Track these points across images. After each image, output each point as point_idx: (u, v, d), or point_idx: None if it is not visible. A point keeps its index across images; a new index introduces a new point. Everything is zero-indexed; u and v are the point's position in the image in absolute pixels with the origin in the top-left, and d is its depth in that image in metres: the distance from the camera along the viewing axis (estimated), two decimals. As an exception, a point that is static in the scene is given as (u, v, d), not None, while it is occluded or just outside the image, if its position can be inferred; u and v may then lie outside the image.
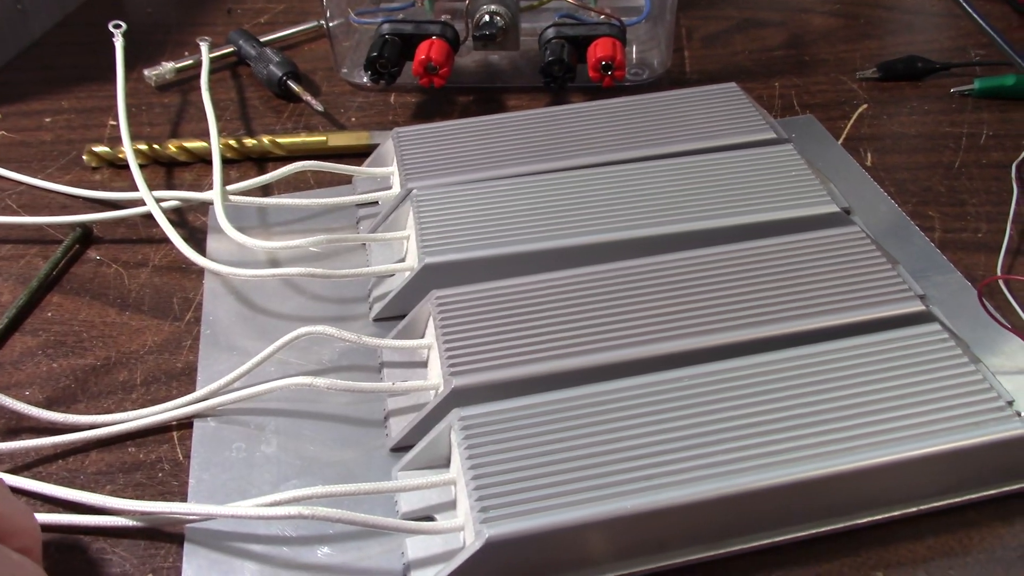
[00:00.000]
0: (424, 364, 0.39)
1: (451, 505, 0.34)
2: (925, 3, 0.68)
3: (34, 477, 0.37)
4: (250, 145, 0.53)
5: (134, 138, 0.52)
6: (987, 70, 0.59)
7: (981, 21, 0.50)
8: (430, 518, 0.34)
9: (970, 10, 0.50)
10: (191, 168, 0.53)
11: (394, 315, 0.42)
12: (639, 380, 0.35)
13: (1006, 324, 0.39)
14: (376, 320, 0.42)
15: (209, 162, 0.52)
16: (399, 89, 0.59)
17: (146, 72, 0.61)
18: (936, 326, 0.37)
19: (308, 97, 0.57)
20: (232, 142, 0.53)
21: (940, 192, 0.49)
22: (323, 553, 0.33)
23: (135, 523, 0.34)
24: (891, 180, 0.50)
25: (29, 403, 0.38)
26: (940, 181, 0.50)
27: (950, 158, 0.52)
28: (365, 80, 0.58)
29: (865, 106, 0.57)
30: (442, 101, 0.59)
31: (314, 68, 0.62)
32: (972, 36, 0.63)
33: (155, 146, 0.53)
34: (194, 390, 0.39)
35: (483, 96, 0.59)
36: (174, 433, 0.38)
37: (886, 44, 0.63)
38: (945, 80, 0.58)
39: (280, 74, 0.58)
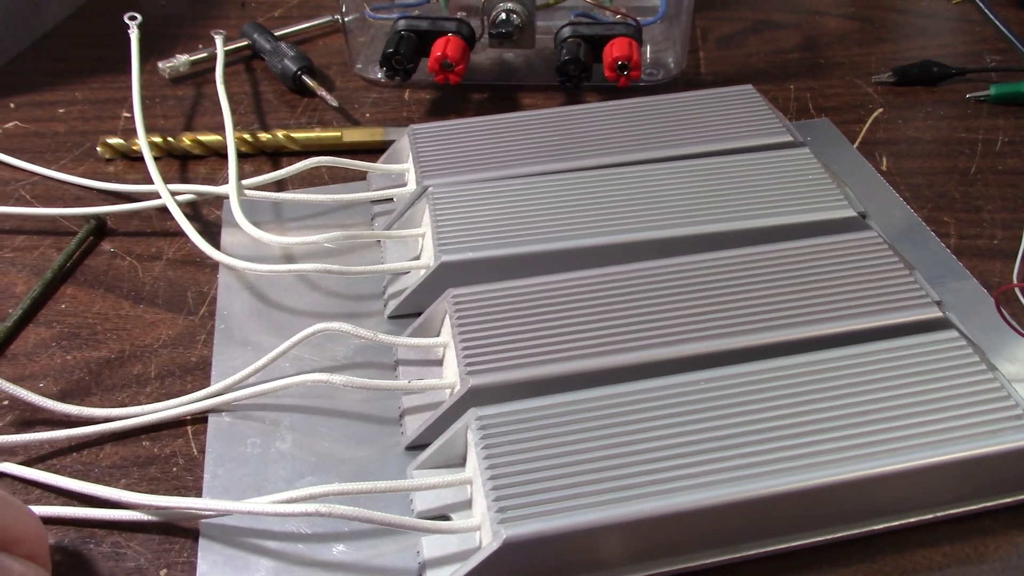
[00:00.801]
0: (439, 362, 0.39)
1: (467, 505, 0.34)
2: (940, 7, 0.68)
3: (48, 470, 0.37)
4: (264, 139, 0.53)
5: (148, 130, 0.52)
6: (1003, 76, 0.59)
7: (1001, 26, 0.50)
8: (446, 517, 0.34)
9: (990, 15, 0.50)
10: (205, 162, 0.53)
11: (409, 312, 0.42)
12: (656, 382, 0.35)
13: (1022, 331, 0.39)
14: (391, 317, 0.42)
15: (223, 156, 0.52)
16: (414, 85, 0.59)
17: (160, 64, 0.61)
18: (953, 333, 0.37)
19: (323, 92, 0.57)
20: (246, 136, 0.53)
21: (955, 198, 0.49)
22: (338, 551, 0.33)
23: (150, 517, 0.34)
24: (906, 185, 0.50)
25: (43, 395, 0.38)
26: (956, 187, 0.50)
27: (966, 164, 0.52)
28: (380, 76, 0.58)
29: (880, 110, 0.56)
30: (457, 98, 0.58)
31: (328, 63, 0.62)
32: (988, 41, 0.63)
33: (169, 139, 0.53)
34: (208, 384, 0.39)
35: (498, 94, 0.59)
36: (188, 428, 0.38)
37: (901, 48, 0.63)
38: (960, 85, 0.58)
39: (295, 68, 0.58)
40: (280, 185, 0.50)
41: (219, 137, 0.53)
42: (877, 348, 0.36)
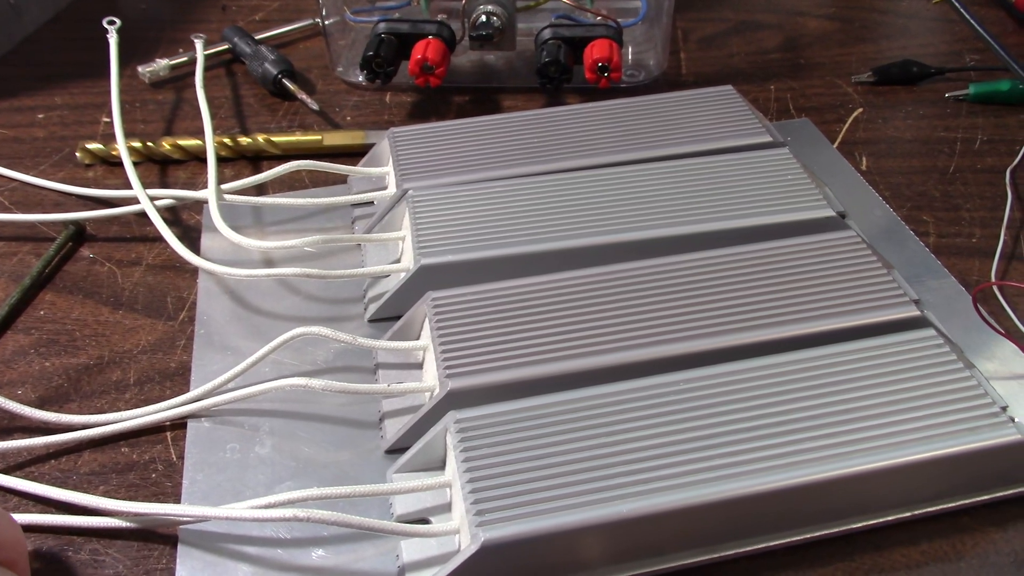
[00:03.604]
0: (419, 366, 0.39)
1: (446, 508, 0.34)
2: (920, 7, 0.68)
3: (26, 477, 0.36)
4: (245, 143, 0.53)
5: (128, 135, 0.52)
6: (982, 75, 0.59)
7: (977, 26, 0.50)
8: (425, 521, 0.34)
9: (966, 15, 0.50)
10: (185, 166, 0.53)
11: (389, 316, 0.42)
12: (634, 383, 0.35)
13: (1000, 329, 0.39)
14: (371, 321, 0.42)
15: (203, 160, 0.52)
16: (395, 88, 0.59)
17: (140, 69, 0.61)
18: (931, 331, 0.37)
19: (303, 95, 0.57)
20: (227, 140, 0.53)
21: (935, 197, 0.50)
22: (317, 555, 0.33)
23: (128, 524, 0.34)
24: (886, 184, 0.50)
25: (21, 402, 0.38)
26: (935, 186, 0.50)
27: (945, 163, 0.52)
28: (361, 79, 0.58)
29: (860, 110, 0.57)
30: (438, 101, 0.58)
31: (309, 66, 0.62)
32: (967, 41, 0.63)
33: (149, 143, 0.53)
34: (188, 390, 0.39)
35: (479, 96, 0.59)
36: (168, 434, 0.38)
37: (881, 48, 0.64)
38: (940, 85, 0.59)
39: (275, 72, 0.58)
40: (260, 189, 0.50)
41: (199, 141, 0.53)
42: (855, 347, 0.36)
